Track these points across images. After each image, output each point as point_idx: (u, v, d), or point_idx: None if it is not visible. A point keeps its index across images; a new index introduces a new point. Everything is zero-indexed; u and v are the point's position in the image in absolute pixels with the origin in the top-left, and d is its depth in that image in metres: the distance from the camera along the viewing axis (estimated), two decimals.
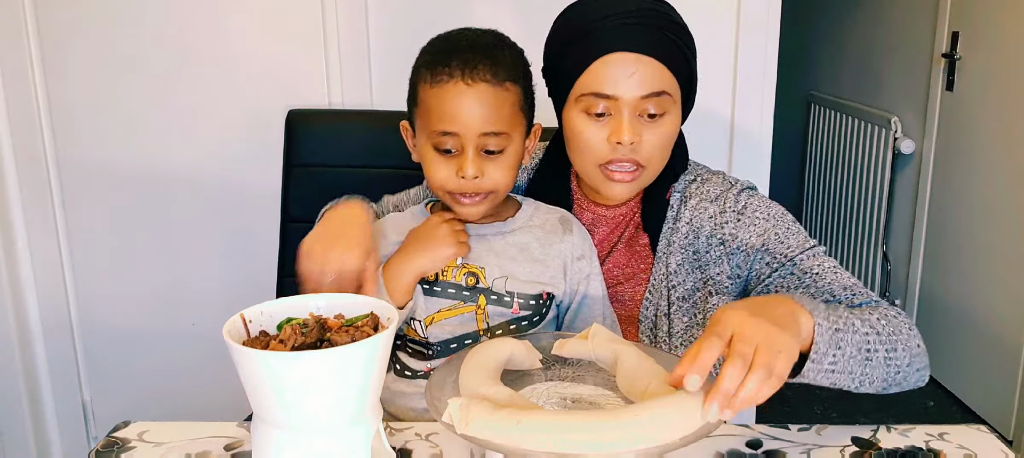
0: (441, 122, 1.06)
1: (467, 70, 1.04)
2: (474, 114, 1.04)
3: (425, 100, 1.08)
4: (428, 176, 1.11)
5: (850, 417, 2.60)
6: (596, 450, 0.76)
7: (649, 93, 1.08)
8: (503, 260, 1.13)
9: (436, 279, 1.12)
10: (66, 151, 1.92)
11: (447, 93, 1.05)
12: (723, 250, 1.16)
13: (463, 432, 0.78)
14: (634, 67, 1.07)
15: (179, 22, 1.84)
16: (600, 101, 1.08)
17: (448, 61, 1.05)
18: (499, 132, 1.06)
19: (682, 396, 0.81)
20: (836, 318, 0.93)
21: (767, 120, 1.88)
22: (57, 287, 1.99)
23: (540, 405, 0.91)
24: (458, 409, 0.80)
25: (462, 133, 1.05)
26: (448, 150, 1.07)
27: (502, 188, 1.10)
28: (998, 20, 2.47)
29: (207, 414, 1.11)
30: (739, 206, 1.17)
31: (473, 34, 1.11)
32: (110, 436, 0.99)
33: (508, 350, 0.96)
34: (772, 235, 1.14)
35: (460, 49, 1.06)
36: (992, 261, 2.52)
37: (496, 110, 1.05)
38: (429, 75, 1.07)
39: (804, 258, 1.11)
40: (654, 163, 1.13)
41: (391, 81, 1.86)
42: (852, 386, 0.96)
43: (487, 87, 1.04)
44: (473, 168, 1.06)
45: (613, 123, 1.09)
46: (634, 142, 1.08)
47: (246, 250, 1.95)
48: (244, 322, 0.84)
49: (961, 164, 2.67)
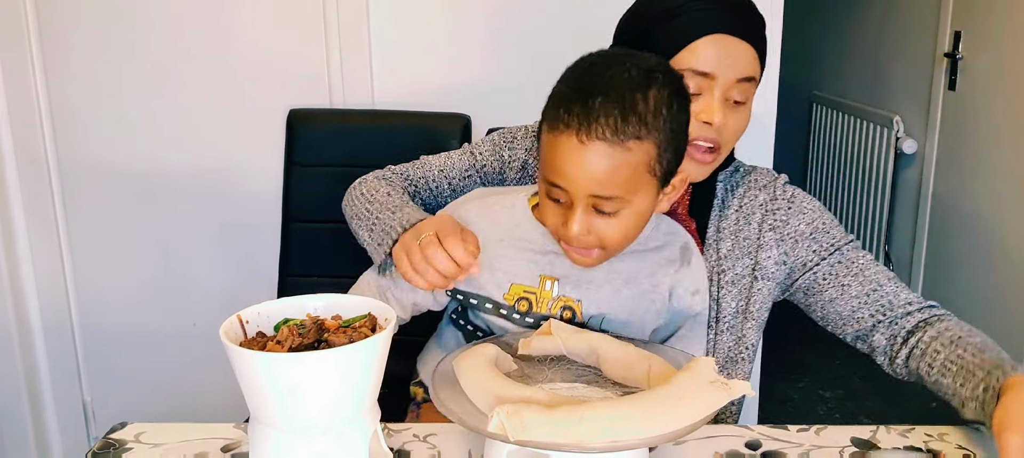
0: (551, 173, 0.97)
1: (584, 126, 0.93)
2: (583, 175, 0.94)
3: (543, 141, 0.99)
4: (540, 215, 1.05)
5: (853, 418, 2.60)
6: (672, 427, 0.78)
7: (743, 77, 1.09)
8: (604, 293, 1.06)
9: (529, 309, 1.06)
10: (67, 151, 1.92)
11: (560, 145, 0.95)
12: (774, 236, 1.17)
13: (519, 439, 0.77)
14: (734, 49, 1.08)
15: (180, 22, 1.84)
16: (694, 78, 1.07)
17: (570, 106, 0.94)
18: (611, 197, 0.96)
19: (703, 364, 0.85)
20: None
21: (770, 120, 1.87)
22: (57, 287, 1.99)
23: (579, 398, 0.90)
24: (507, 417, 0.77)
25: (570, 190, 0.96)
26: (558, 199, 0.99)
27: (613, 246, 1.01)
28: (1000, 20, 2.47)
29: (209, 414, 1.10)
30: (788, 195, 1.19)
31: (617, 69, 0.97)
32: (107, 438, 0.99)
33: (494, 352, 0.95)
34: (819, 224, 1.17)
35: (590, 92, 0.94)
36: (994, 261, 2.51)
37: (611, 172, 0.94)
38: (552, 114, 0.96)
39: (848, 249, 1.15)
40: (727, 148, 1.14)
41: (392, 80, 1.86)
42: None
43: (604, 146, 0.93)
44: (579, 226, 0.97)
45: (703, 102, 1.08)
46: (723, 123, 1.09)
47: (247, 250, 1.95)
48: (241, 323, 0.84)
49: (963, 164, 2.67)
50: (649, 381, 0.92)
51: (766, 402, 2.60)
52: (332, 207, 1.30)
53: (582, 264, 1.04)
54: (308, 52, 1.84)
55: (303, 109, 1.79)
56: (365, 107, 1.86)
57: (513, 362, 0.98)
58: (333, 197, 1.31)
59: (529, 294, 1.07)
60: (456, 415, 0.83)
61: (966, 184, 2.65)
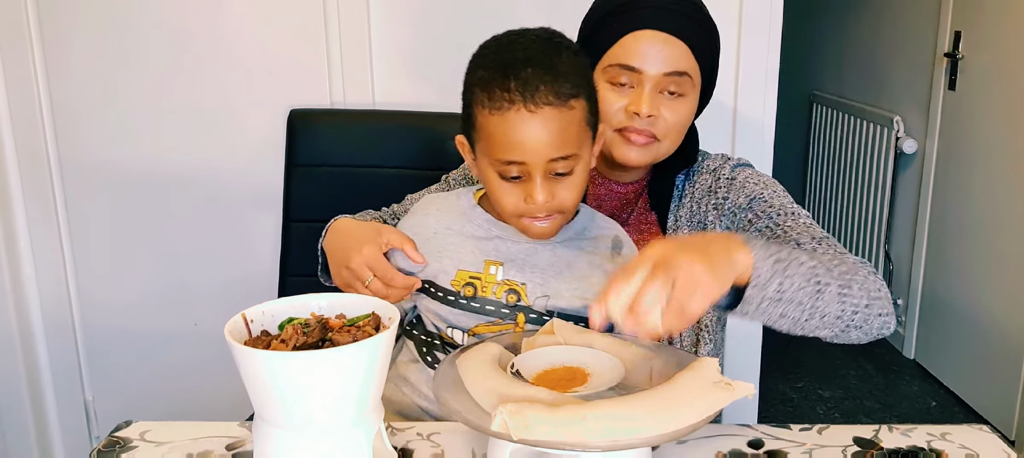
0: (505, 151, 0.99)
1: (528, 94, 0.97)
2: (540, 141, 0.98)
3: (484, 126, 1.01)
4: (495, 202, 1.07)
5: (853, 417, 2.61)
6: (674, 426, 0.78)
7: (672, 71, 1.14)
8: (547, 277, 1.09)
9: (474, 295, 1.08)
10: (68, 151, 1.92)
11: (509, 122, 0.98)
12: (717, 214, 1.20)
13: (522, 437, 0.77)
14: (662, 46, 1.13)
15: (181, 22, 1.84)
16: (625, 73, 1.14)
17: (506, 83, 0.98)
18: (567, 155, 1.00)
19: (707, 364, 0.86)
20: (778, 250, 0.93)
21: (769, 120, 1.88)
22: (59, 287, 2.00)
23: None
24: (510, 415, 0.77)
25: (528, 161, 0.99)
26: (514, 176, 1.01)
27: (571, 206, 1.05)
28: (1000, 20, 2.47)
29: (209, 414, 1.11)
30: (732, 175, 1.22)
31: (527, 41, 1.03)
32: (112, 436, 0.99)
33: (496, 351, 0.96)
34: (759, 195, 1.18)
35: (516, 65, 0.98)
36: (994, 261, 2.51)
37: (562, 133, 0.99)
38: (486, 98, 0.99)
39: (783, 216, 1.14)
40: (669, 139, 1.18)
41: (393, 80, 1.86)
42: (802, 318, 0.93)
43: (551, 110, 0.97)
44: (543, 194, 1.01)
45: (634, 95, 1.15)
46: (651, 115, 1.14)
47: (248, 250, 1.95)
48: (246, 322, 0.84)
49: (963, 163, 2.67)
50: (651, 380, 0.92)
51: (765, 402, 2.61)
52: (332, 207, 1.29)
53: (542, 235, 1.07)
54: (309, 52, 1.84)
55: (303, 109, 1.79)
56: (365, 107, 1.86)
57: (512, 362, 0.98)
58: (333, 197, 1.32)
59: (475, 280, 1.09)
60: (459, 414, 0.83)
61: (966, 184, 2.65)
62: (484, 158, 1.04)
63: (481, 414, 0.83)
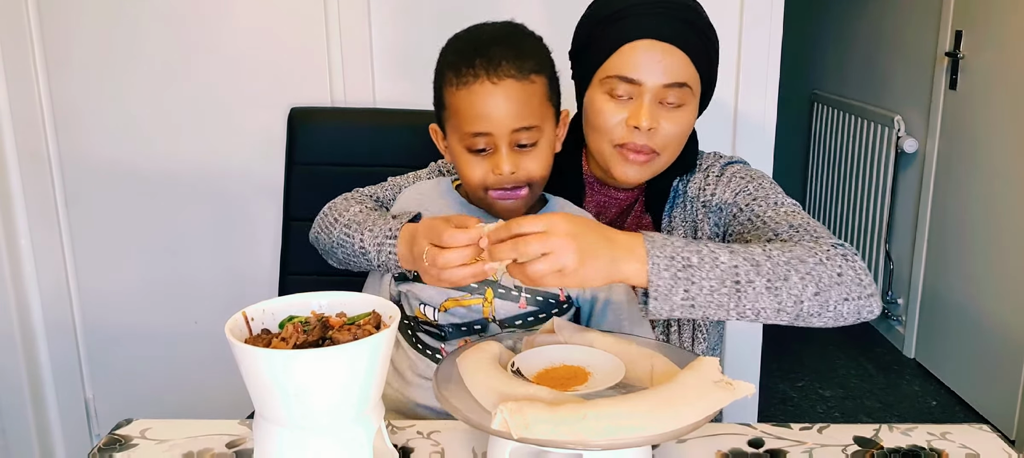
0: (472, 123, 1.06)
1: (492, 68, 1.04)
2: (504, 111, 1.05)
3: (453, 103, 1.08)
4: (463, 177, 1.12)
5: (853, 417, 2.61)
6: (674, 425, 0.78)
7: (672, 82, 1.12)
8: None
9: None
10: (69, 149, 1.92)
11: (474, 94, 1.05)
12: (706, 210, 1.20)
13: (522, 436, 0.77)
14: (661, 56, 1.11)
15: (182, 20, 1.84)
16: (623, 84, 1.12)
17: (471, 61, 1.05)
18: (530, 126, 1.07)
19: (707, 363, 0.86)
20: (692, 254, 0.93)
21: (770, 119, 1.88)
22: (60, 285, 2.00)
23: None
24: (510, 414, 0.78)
25: (494, 132, 1.06)
26: (482, 149, 1.08)
27: (538, 178, 1.11)
28: (1001, 19, 2.47)
29: (209, 412, 1.11)
30: (721, 171, 1.22)
31: (492, 28, 1.11)
32: (112, 433, 0.99)
33: (497, 350, 0.96)
34: (745, 190, 1.18)
35: (482, 46, 1.06)
36: (995, 260, 2.51)
37: (525, 104, 1.06)
38: (454, 77, 1.07)
39: (765, 206, 1.13)
40: (668, 151, 1.17)
41: (393, 78, 1.86)
42: (733, 316, 0.95)
43: (513, 83, 1.05)
44: (508, 164, 1.07)
45: (633, 107, 1.13)
46: (652, 128, 1.12)
47: (249, 248, 1.95)
48: (246, 320, 0.85)
49: (964, 163, 2.67)
50: (652, 379, 0.92)
51: (766, 401, 2.61)
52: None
53: (511, 211, 1.10)
54: (309, 50, 1.84)
55: (304, 107, 1.79)
56: (366, 105, 1.86)
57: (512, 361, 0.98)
58: (333, 195, 1.31)
59: None
60: (460, 412, 0.83)
61: (966, 184, 2.65)
62: (454, 136, 1.10)
63: (481, 413, 0.83)
